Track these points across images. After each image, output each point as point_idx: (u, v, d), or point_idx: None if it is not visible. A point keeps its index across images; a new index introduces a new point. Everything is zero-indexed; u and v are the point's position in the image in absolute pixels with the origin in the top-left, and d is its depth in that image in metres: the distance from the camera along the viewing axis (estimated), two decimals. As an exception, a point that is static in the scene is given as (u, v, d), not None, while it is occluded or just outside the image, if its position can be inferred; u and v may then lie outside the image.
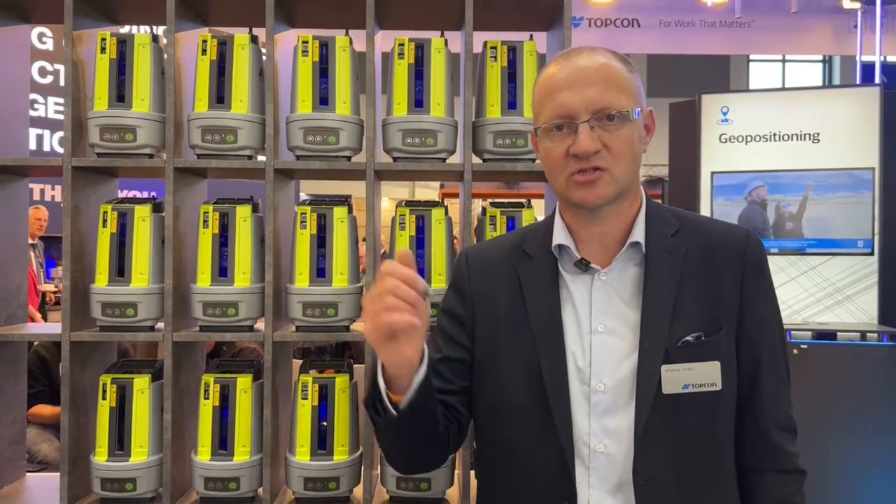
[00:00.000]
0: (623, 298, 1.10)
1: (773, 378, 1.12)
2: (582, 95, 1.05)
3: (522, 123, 1.68)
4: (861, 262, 2.47)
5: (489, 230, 1.70)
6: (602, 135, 1.05)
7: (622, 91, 1.06)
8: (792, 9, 7.13)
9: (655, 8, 7.52)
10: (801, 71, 11.84)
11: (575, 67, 1.07)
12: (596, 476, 1.05)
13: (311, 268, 1.67)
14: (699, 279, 1.09)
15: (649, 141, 1.13)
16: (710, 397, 1.06)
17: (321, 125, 1.66)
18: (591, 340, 1.08)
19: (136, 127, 1.66)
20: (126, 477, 1.64)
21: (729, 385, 1.08)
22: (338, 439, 1.65)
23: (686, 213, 1.20)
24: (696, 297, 1.08)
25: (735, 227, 1.18)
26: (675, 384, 1.05)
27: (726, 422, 1.10)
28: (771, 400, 1.11)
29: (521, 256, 1.17)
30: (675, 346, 1.06)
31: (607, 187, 1.06)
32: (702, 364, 1.05)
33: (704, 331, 1.07)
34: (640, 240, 1.11)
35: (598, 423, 1.05)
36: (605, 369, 1.06)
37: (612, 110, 1.05)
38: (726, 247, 1.12)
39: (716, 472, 1.08)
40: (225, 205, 1.69)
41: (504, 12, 1.75)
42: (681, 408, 1.04)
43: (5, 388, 1.83)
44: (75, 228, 1.68)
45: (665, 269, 1.09)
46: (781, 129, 2.64)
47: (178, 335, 1.67)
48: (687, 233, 1.13)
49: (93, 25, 1.76)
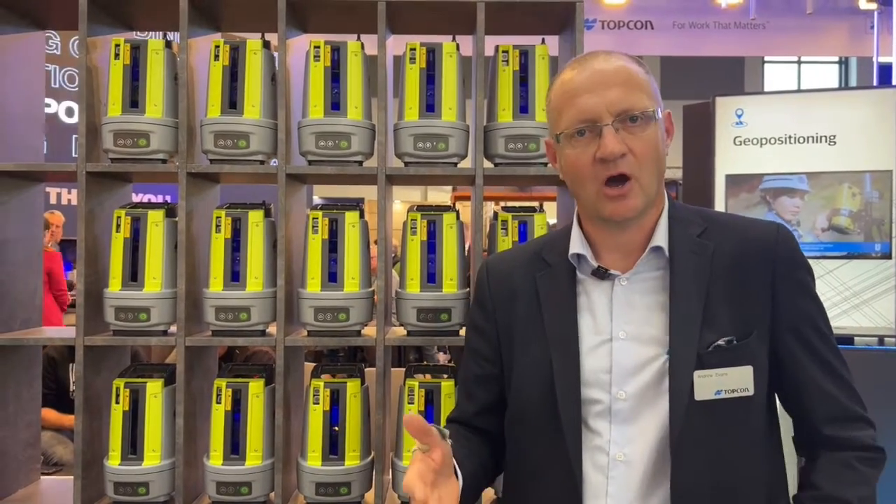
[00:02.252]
0: (645, 303, 1.07)
1: (821, 376, 1.07)
2: (604, 97, 1.03)
3: (534, 127, 1.67)
4: (878, 265, 2.43)
5: (501, 234, 1.70)
6: (626, 137, 1.02)
7: (643, 91, 1.05)
8: (807, 10, 7.06)
9: (669, 10, 7.47)
10: (816, 72, 11.74)
11: (593, 70, 1.05)
12: (614, 485, 1.03)
13: (322, 272, 1.67)
14: (728, 280, 1.06)
15: (669, 144, 1.11)
16: (742, 402, 1.03)
17: (333, 130, 1.66)
18: (612, 347, 1.06)
19: (150, 132, 1.67)
20: (139, 481, 1.64)
21: (762, 389, 1.06)
22: (349, 444, 1.65)
23: (712, 213, 1.17)
24: (726, 299, 1.06)
25: (764, 223, 1.13)
26: (708, 390, 1.02)
27: (760, 425, 1.07)
28: (820, 398, 1.07)
29: (539, 264, 1.16)
30: (707, 350, 1.03)
31: (637, 199, 1.04)
32: (734, 369, 1.03)
33: (736, 334, 1.04)
34: (662, 244, 1.08)
35: (619, 431, 1.04)
36: (626, 377, 1.05)
37: (635, 111, 1.03)
38: (755, 244, 1.08)
39: (752, 477, 1.05)
40: (237, 209, 1.69)
41: (516, 16, 1.74)
42: (714, 413, 1.02)
43: (20, 392, 1.84)
44: (89, 233, 1.69)
45: (691, 271, 1.06)
46: (797, 132, 2.60)
47: (191, 339, 1.67)
48: (714, 232, 1.10)
49: (107, 32, 1.77)
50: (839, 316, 2.39)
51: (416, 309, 1.66)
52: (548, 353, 1.09)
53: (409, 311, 1.66)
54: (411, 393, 1.65)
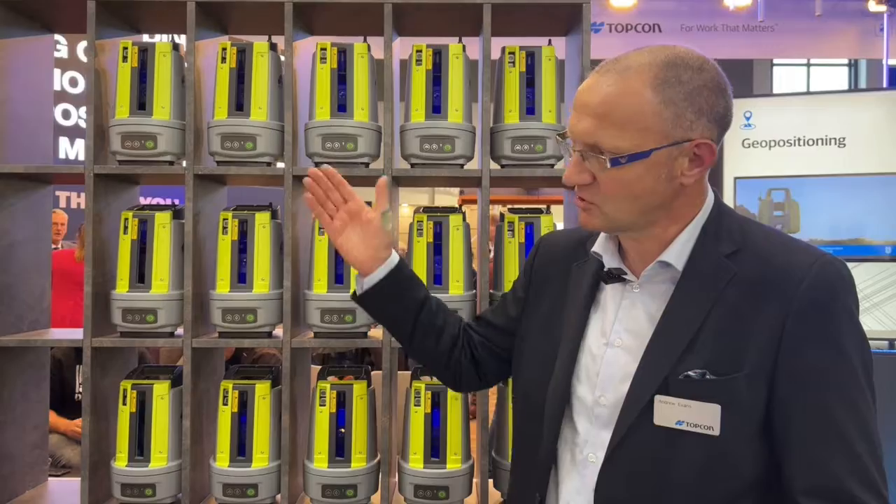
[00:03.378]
0: (649, 315, 1.03)
1: (812, 440, 0.93)
2: (578, 124, 0.96)
3: (541, 129, 1.67)
4: (889, 268, 2.41)
5: (507, 236, 1.69)
6: (594, 168, 0.96)
7: (623, 129, 0.93)
8: (816, 12, 7.01)
9: (677, 12, 7.45)
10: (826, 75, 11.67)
11: (584, 87, 0.98)
12: (582, 482, 1.03)
13: (328, 274, 1.67)
14: (733, 311, 0.96)
15: (698, 174, 0.96)
16: (705, 441, 0.94)
17: (339, 132, 1.66)
18: (606, 352, 1.05)
19: (157, 134, 1.68)
20: (146, 482, 1.64)
21: (736, 435, 0.94)
22: (356, 446, 1.64)
23: (757, 232, 1.03)
24: (722, 332, 0.96)
25: (805, 254, 0.97)
26: (668, 418, 0.96)
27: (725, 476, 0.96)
28: (805, 464, 0.93)
29: (580, 253, 1.15)
30: (677, 378, 0.96)
31: (595, 220, 1.00)
32: (700, 404, 0.94)
33: (716, 369, 0.95)
34: (672, 260, 1.01)
35: (596, 433, 1.03)
36: (609, 384, 1.03)
37: (601, 149, 0.93)
38: (779, 277, 0.95)
39: None
40: (244, 211, 1.70)
41: (522, 18, 1.74)
42: (670, 443, 0.95)
43: (28, 393, 1.85)
44: (97, 235, 1.70)
45: (695, 293, 0.98)
46: (806, 134, 2.59)
47: (198, 341, 1.68)
48: (745, 255, 0.98)
49: (115, 35, 1.78)
50: (849, 319, 2.35)
51: (423, 311, 1.65)
52: (557, 342, 1.09)
53: (415, 312, 1.66)
54: (417, 395, 1.65)
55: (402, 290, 1.21)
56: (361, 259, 1.18)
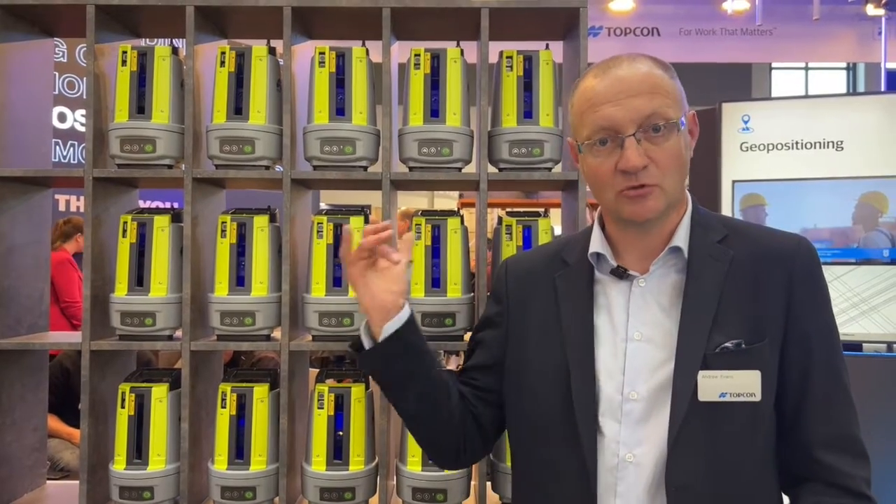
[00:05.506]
0: (661, 306, 1.07)
1: (824, 394, 1.04)
2: (627, 108, 1.01)
3: (538, 132, 1.68)
4: (887, 271, 2.41)
5: (505, 239, 1.70)
6: (649, 148, 1.01)
7: (668, 98, 1.03)
8: (814, 16, 7.01)
9: (676, 16, 7.46)
10: (824, 78, 11.69)
11: (616, 78, 1.04)
12: (623, 485, 1.03)
13: (327, 277, 1.67)
14: (744, 287, 1.05)
15: (693, 145, 1.10)
16: (748, 408, 1.01)
17: (338, 135, 1.67)
18: (627, 348, 1.06)
19: (156, 138, 1.69)
20: (144, 485, 1.65)
21: (770, 398, 1.04)
22: (354, 449, 1.64)
23: (734, 220, 1.17)
24: (739, 306, 1.05)
25: (786, 235, 1.12)
26: (712, 392, 1.01)
27: (766, 435, 1.05)
28: (820, 417, 1.04)
29: (558, 265, 1.16)
30: (714, 352, 1.02)
31: (658, 201, 1.04)
32: (741, 373, 1.01)
33: (746, 339, 1.03)
34: (682, 245, 1.08)
35: (630, 431, 1.04)
36: (639, 378, 1.04)
37: (658, 121, 1.01)
38: (775, 254, 1.07)
39: (753, 487, 1.04)
40: (243, 215, 1.70)
41: (520, 22, 1.75)
42: (717, 416, 1.01)
43: (27, 396, 1.85)
44: (96, 238, 1.70)
45: (708, 275, 1.06)
46: (804, 137, 2.59)
47: (196, 344, 1.68)
48: (735, 240, 1.09)
49: (114, 39, 1.79)
50: (847, 322, 2.37)
51: (421, 313, 1.66)
52: (564, 353, 1.09)
53: (413, 315, 1.66)
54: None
55: (420, 340, 1.17)
56: (379, 303, 1.13)
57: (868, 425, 1.05)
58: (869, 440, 1.04)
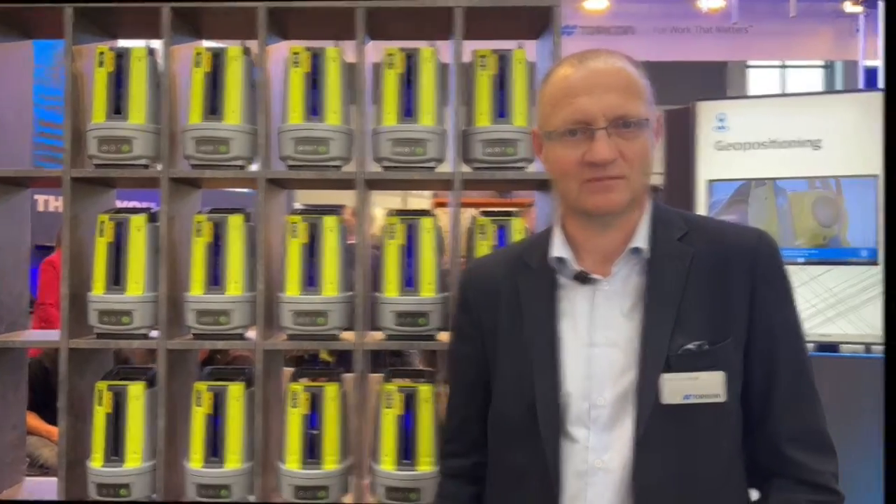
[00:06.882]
0: (624, 310, 1.07)
1: (790, 389, 1.05)
2: (601, 101, 1.02)
3: (512, 132, 1.68)
4: (865, 271, 2.40)
5: (479, 239, 1.70)
6: (619, 142, 1.02)
7: (639, 98, 1.04)
8: (791, 13, 6.87)
9: (650, 15, 7.32)
10: (801, 77, 11.49)
11: (592, 71, 1.04)
12: (592, 491, 1.03)
13: (301, 276, 1.68)
14: (706, 286, 1.05)
15: (657, 144, 1.10)
16: (713, 408, 1.01)
17: (312, 135, 1.68)
18: (591, 353, 1.06)
19: (133, 138, 1.70)
20: (121, 482, 1.66)
21: (735, 397, 1.04)
22: (327, 448, 1.65)
23: (694, 216, 1.16)
24: (702, 305, 1.04)
25: (747, 230, 1.13)
26: (676, 394, 1.01)
27: (732, 434, 1.05)
28: (788, 412, 1.05)
29: (521, 267, 1.15)
30: (677, 354, 1.02)
31: (622, 193, 1.04)
32: (705, 374, 1.01)
33: (708, 339, 1.02)
34: (642, 245, 1.07)
35: (598, 437, 1.04)
36: (605, 383, 1.04)
37: (630, 118, 1.02)
38: (736, 250, 1.07)
39: (719, 485, 1.04)
40: (218, 214, 1.71)
41: (493, 21, 1.75)
42: (682, 418, 1.01)
43: (6, 395, 1.87)
44: (74, 238, 1.72)
45: (669, 275, 1.06)
46: (780, 136, 2.57)
47: (172, 343, 1.69)
48: (695, 237, 1.09)
49: (91, 40, 1.80)
50: (824, 323, 2.34)
51: (395, 313, 1.66)
52: (529, 359, 1.08)
53: (386, 315, 1.67)
54: (389, 397, 1.65)
55: None
56: None
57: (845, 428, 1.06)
58: (846, 443, 1.04)
